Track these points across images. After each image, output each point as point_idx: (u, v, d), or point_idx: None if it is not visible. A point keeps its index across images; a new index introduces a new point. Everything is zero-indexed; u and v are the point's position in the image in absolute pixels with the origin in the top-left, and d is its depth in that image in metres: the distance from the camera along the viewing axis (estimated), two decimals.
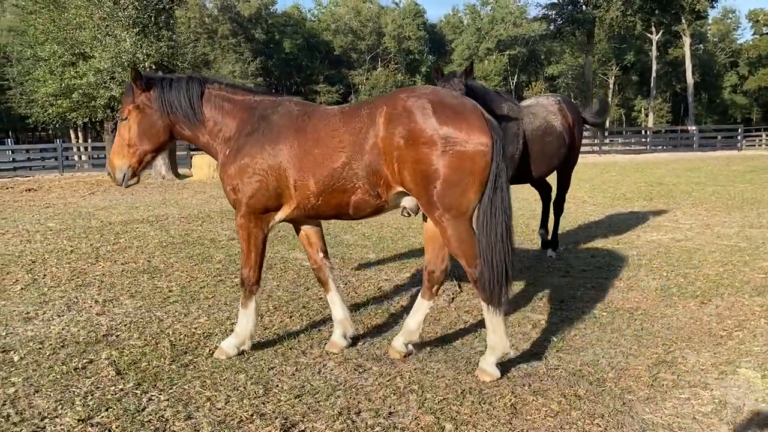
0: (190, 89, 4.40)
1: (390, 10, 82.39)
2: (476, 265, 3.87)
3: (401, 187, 3.95)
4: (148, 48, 18.54)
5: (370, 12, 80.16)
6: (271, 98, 4.45)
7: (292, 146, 4.08)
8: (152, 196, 15.59)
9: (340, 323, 4.65)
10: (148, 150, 4.50)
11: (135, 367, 4.29)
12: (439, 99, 3.84)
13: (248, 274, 4.43)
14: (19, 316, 5.54)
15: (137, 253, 8.28)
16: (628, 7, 34.01)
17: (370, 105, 4.05)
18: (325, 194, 4.06)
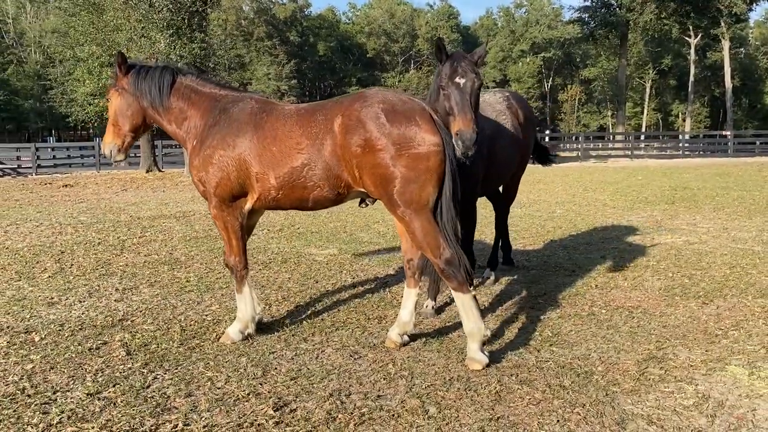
0: (162, 77, 4.75)
1: (424, 12, 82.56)
2: (441, 255, 4.06)
3: (362, 189, 4.25)
4: (181, 49, 19.06)
5: (404, 14, 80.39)
6: (235, 93, 4.74)
7: (252, 141, 4.36)
8: (183, 193, 16.02)
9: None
10: (127, 131, 4.86)
11: (145, 348, 4.55)
12: (390, 106, 4.07)
13: (234, 262, 4.71)
14: (43, 301, 5.87)
15: (161, 246, 8.60)
16: (662, 11, 33.56)
17: (325, 110, 4.28)
18: (286, 189, 4.34)
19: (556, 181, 18.01)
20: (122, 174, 23.82)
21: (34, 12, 68.93)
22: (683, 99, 75.52)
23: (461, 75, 4.44)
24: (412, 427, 3.41)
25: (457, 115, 4.37)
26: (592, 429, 3.43)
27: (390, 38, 79.63)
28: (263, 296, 5.89)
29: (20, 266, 7.41)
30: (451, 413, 3.56)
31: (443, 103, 4.49)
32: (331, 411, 3.58)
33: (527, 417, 3.54)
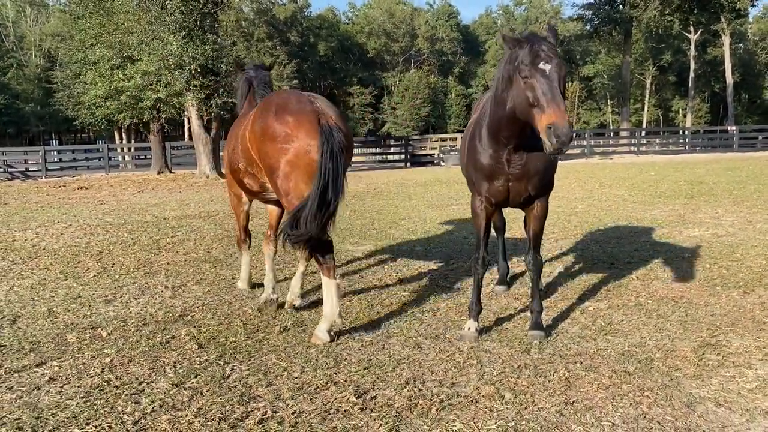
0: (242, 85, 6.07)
1: (423, 11, 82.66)
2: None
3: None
4: (193, 51, 19.16)
5: (403, 14, 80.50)
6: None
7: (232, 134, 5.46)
8: (200, 194, 16.15)
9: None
10: None
11: (214, 342, 4.69)
12: (284, 104, 4.62)
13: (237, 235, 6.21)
14: (99, 298, 6.00)
15: (196, 245, 8.73)
16: (666, 7, 33.73)
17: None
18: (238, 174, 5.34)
19: (570, 177, 18.14)
20: (133, 176, 23.93)
21: (34, 16, 69.00)
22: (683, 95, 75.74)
23: (545, 60, 3.76)
24: (492, 411, 3.55)
25: (547, 106, 3.67)
26: (663, 411, 3.57)
27: (390, 38, 79.73)
28: (319, 291, 6.02)
29: (63, 266, 7.54)
30: (526, 398, 3.70)
31: (523, 93, 3.82)
32: (411, 397, 3.71)
33: (600, 401, 3.68)
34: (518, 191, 4.49)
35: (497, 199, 4.57)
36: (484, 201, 4.62)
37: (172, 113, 21.50)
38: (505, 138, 4.27)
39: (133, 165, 31.64)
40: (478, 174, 4.55)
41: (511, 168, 4.39)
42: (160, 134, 23.16)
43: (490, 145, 4.39)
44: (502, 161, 4.38)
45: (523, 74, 3.83)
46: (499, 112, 4.17)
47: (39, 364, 4.32)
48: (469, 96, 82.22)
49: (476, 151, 4.52)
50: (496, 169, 4.42)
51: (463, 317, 5.20)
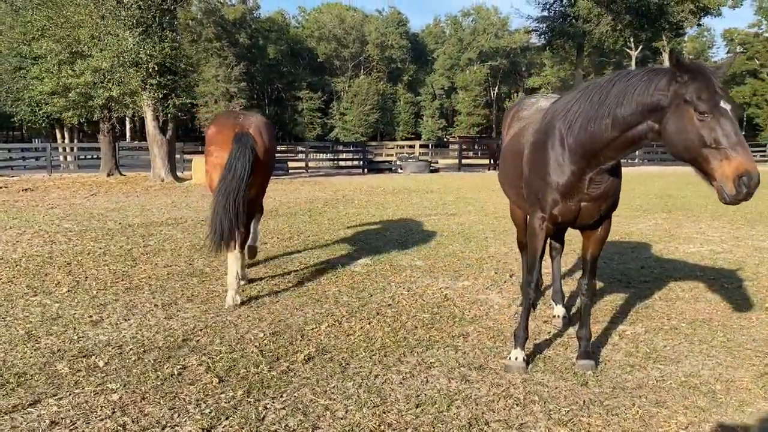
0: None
1: (373, 18, 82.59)
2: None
3: None
4: (151, 49, 18.25)
5: (354, 20, 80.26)
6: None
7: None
8: (159, 198, 15.29)
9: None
10: None
11: (234, 373, 4.15)
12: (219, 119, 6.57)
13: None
14: (82, 319, 5.34)
15: (174, 255, 8.08)
16: (618, 23, 34.57)
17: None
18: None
19: None
20: (80, 178, 22.63)
21: None
22: None
23: (727, 99, 3.37)
24: None
25: (736, 152, 3.29)
26: None
27: (340, 43, 79.31)
28: (331, 313, 5.54)
29: (28, 279, 6.79)
30: None
31: (697, 131, 3.39)
32: None
33: None
34: (590, 212, 4.14)
35: (564, 219, 4.20)
36: (547, 219, 4.24)
37: (125, 113, 20.42)
38: (605, 158, 3.91)
39: (75, 166, 30.09)
40: (549, 190, 4.15)
41: (590, 188, 4.04)
42: (110, 134, 21.99)
43: (574, 161, 4.00)
44: (584, 180, 4.02)
45: (701, 109, 3.38)
46: (609, 134, 3.79)
47: (32, 402, 3.70)
48: (417, 104, 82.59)
49: (549, 166, 4.12)
50: (575, 187, 4.05)
51: (497, 343, 4.84)
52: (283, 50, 76.87)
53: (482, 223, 10.96)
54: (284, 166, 28.43)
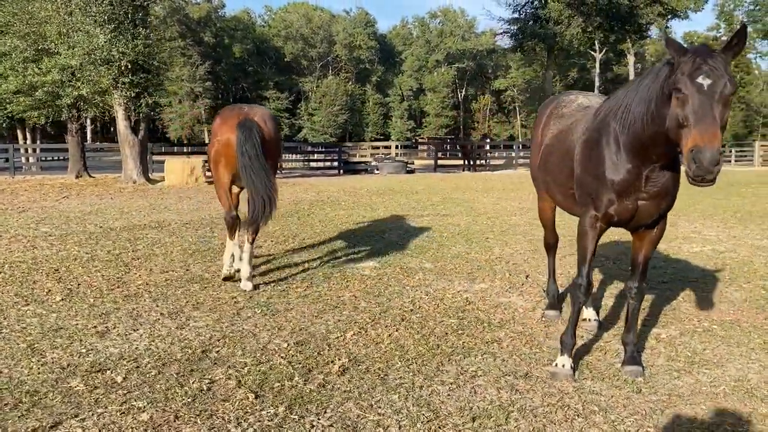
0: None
1: (341, 18, 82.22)
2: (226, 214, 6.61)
3: None
4: (124, 46, 17.64)
5: (321, 20, 79.76)
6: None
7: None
8: (134, 201, 14.76)
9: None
10: None
11: (269, 387, 3.86)
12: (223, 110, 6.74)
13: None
14: (86, 330, 4.97)
15: (167, 261, 7.70)
16: (589, 24, 34.96)
17: None
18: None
19: (521, 189, 18.08)
20: (46, 180, 21.79)
21: None
22: None
23: (706, 74, 3.23)
24: None
25: (694, 126, 3.17)
26: None
27: (307, 43, 78.72)
28: (354, 320, 5.27)
29: (16, 287, 6.36)
30: None
31: (674, 110, 3.32)
32: None
33: None
34: (648, 210, 3.96)
35: (621, 218, 4.02)
36: (600, 219, 4.06)
37: (94, 112, 19.71)
38: (657, 156, 3.73)
39: (38, 167, 29.05)
40: (604, 189, 3.96)
41: (647, 186, 3.86)
42: (78, 135, 21.20)
43: (629, 159, 3.83)
44: (641, 178, 3.84)
45: (677, 86, 3.29)
46: (655, 129, 3.59)
47: (53, 425, 3.37)
48: (386, 105, 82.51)
49: (604, 165, 3.94)
50: (632, 185, 3.87)
51: (533, 349, 4.65)
52: (249, 49, 75.97)
53: (477, 224, 10.79)
54: None
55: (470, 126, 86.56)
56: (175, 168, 19.71)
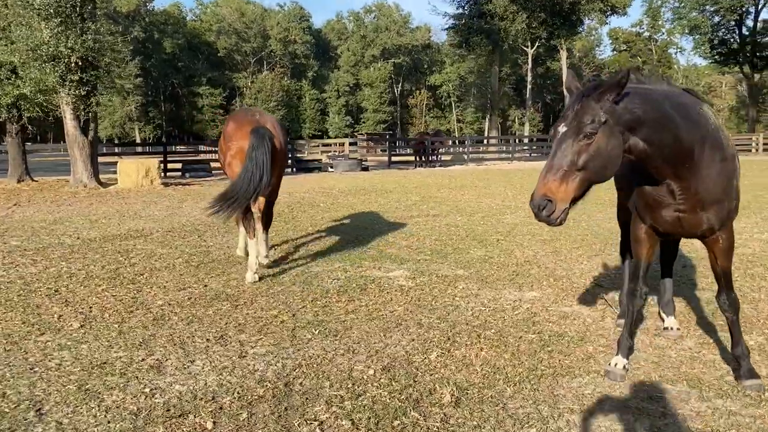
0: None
1: (274, 12, 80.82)
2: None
3: None
4: (73, 42, 16.48)
5: (254, 14, 78.12)
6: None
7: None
8: (97, 207, 13.78)
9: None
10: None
11: (389, 427, 3.45)
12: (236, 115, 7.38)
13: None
14: (137, 364, 4.40)
15: (174, 275, 7.09)
16: (533, 20, 35.48)
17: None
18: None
19: (491, 185, 18.03)
20: None
21: None
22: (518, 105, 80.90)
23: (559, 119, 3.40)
24: None
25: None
26: None
27: (241, 38, 77.06)
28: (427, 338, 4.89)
29: (20, 314, 5.65)
30: None
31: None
32: None
33: None
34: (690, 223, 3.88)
35: (664, 229, 4.01)
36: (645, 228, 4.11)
37: (37, 112, 18.36)
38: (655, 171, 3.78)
39: None
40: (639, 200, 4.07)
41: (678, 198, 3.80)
42: (19, 136, 19.73)
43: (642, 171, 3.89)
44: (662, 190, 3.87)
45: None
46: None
47: None
48: (323, 101, 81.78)
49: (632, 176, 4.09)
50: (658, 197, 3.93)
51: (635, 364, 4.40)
52: (180, 44, 73.68)
53: (475, 224, 10.56)
54: (206, 167, 26.94)
55: (407, 122, 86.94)
56: (129, 170, 18.66)
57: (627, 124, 3.32)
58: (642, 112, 3.34)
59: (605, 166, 3.27)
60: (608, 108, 3.25)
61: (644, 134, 3.38)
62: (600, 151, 3.23)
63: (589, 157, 3.21)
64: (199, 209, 13.04)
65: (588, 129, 3.20)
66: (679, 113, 3.49)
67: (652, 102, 3.41)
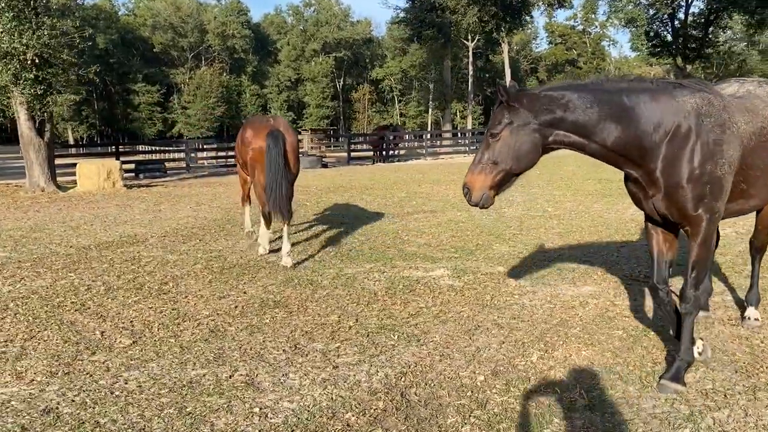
0: None
1: (211, 6, 78.86)
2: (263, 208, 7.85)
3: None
4: (28, 38, 15.53)
5: (190, 8, 75.97)
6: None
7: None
8: (67, 212, 13.01)
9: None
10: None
11: None
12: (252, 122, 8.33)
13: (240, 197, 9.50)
14: (228, 382, 4.11)
15: (202, 284, 6.73)
16: (484, 14, 35.85)
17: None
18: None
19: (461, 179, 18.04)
20: None
21: None
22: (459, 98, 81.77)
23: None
24: None
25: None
26: None
27: (177, 32, 74.75)
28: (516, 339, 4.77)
29: (56, 332, 5.22)
30: None
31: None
32: None
33: None
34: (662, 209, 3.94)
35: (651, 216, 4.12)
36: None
37: None
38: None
39: None
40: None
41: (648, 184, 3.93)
42: None
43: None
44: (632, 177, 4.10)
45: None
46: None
47: None
48: (264, 96, 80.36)
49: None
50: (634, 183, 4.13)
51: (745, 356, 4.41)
52: (113, 40, 70.88)
53: (477, 219, 10.51)
54: (161, 166, 26.00)
55: (351, 116, 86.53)
56: (90, 172, 17.74)
57: (547, 122, 3.73)
58: (562, 112, 3.71)
59: (517, 158, 3.77)
60: (513, 112, 3.72)
61: (570, 129, 3.74)
62: (508, 147, 3.75)
63: (499, 153, 3.76)
64: (184, 212, 12.54)
65: (495, 130, 3.74)
66: (616, 108, 3.71)
67: (574, 102, 3.72)
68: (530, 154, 3.79)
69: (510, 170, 3.82)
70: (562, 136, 3.77)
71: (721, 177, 3.81)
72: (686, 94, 3.84)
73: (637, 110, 3.71)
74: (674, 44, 52.01)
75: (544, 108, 3.72)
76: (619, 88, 3.80)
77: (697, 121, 3.76)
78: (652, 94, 3.80)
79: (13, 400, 3.93)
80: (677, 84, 3.95)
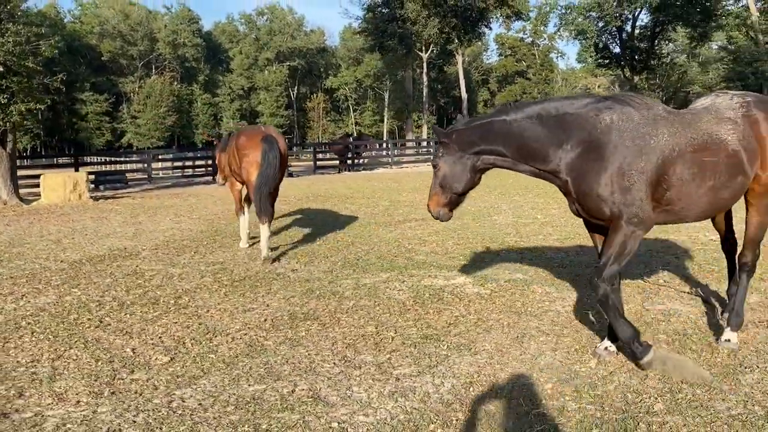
0: None
1: (161, 15, 77.37)
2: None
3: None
4: None
5: (139, 16, 74.39)
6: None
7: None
8: (41, 226, 12.50)
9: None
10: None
11: None
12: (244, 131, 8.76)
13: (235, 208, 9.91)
14: (291, 397, 4.01)
15: (217, 298, 6.56)
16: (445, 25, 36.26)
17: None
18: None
19: None
20: None
21: None
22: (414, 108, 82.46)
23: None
24: None
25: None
26: None
27: (126, 41, 73.06)
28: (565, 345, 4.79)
29: (83, 351, 5.00)
30: None
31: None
32: None
33: None
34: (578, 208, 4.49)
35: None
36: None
37: None
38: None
39: None
40: None
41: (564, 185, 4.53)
42: None
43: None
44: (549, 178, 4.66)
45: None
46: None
47: None
48: (216, 105, 79.21)
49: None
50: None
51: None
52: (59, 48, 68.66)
53: (473, 227, 10.58)
54: (123, 177, 25.29)
55: (306, 125, 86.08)
56: (55, 184, 17.14)
57: (473, 152, 4.43)
58: (477, 139, 4.39)
59: (456, 181, 4.51)
60: (445, 147, 4.49)
61: (492, 153, 4.41)
62: (445, 174, 4.51)
63: (442, 180, 4.53)
64: (165, 224, 12.22)
65: (434, 163, 4.57)
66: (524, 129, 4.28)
67: (493, 132, 4.36)
68: (465, 178, 4.50)
69: (454, 192, 4.57)
70: (488, 160, 4.45)
71: (629, 186, 4.09)
72: (605, 110, 4.17)
73: (542, 131, 4.22)
74: (622, 56, 53.69)
75: (469, 141, 4.40)
76: (529, 114, 4.29)
77: (609, 135, 4.10)
78: (563, 115, 4.22)
79: (68, 424, 3.74)
80: (602, 100, 4.31)
